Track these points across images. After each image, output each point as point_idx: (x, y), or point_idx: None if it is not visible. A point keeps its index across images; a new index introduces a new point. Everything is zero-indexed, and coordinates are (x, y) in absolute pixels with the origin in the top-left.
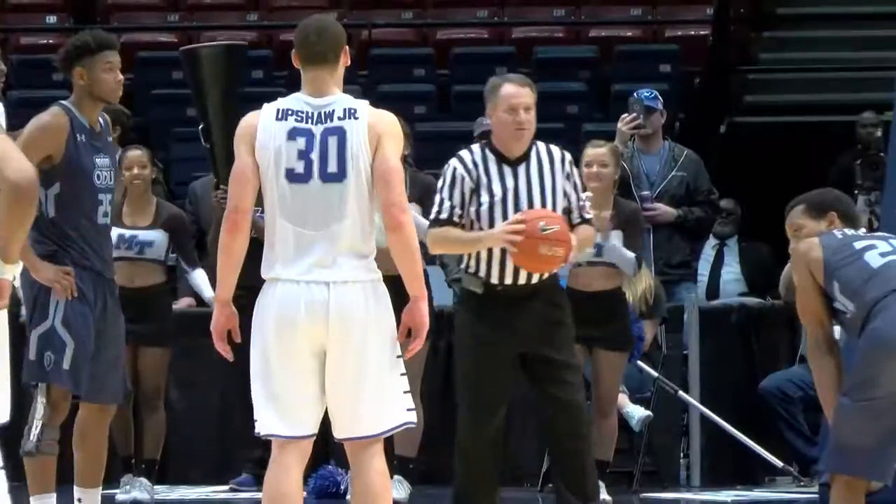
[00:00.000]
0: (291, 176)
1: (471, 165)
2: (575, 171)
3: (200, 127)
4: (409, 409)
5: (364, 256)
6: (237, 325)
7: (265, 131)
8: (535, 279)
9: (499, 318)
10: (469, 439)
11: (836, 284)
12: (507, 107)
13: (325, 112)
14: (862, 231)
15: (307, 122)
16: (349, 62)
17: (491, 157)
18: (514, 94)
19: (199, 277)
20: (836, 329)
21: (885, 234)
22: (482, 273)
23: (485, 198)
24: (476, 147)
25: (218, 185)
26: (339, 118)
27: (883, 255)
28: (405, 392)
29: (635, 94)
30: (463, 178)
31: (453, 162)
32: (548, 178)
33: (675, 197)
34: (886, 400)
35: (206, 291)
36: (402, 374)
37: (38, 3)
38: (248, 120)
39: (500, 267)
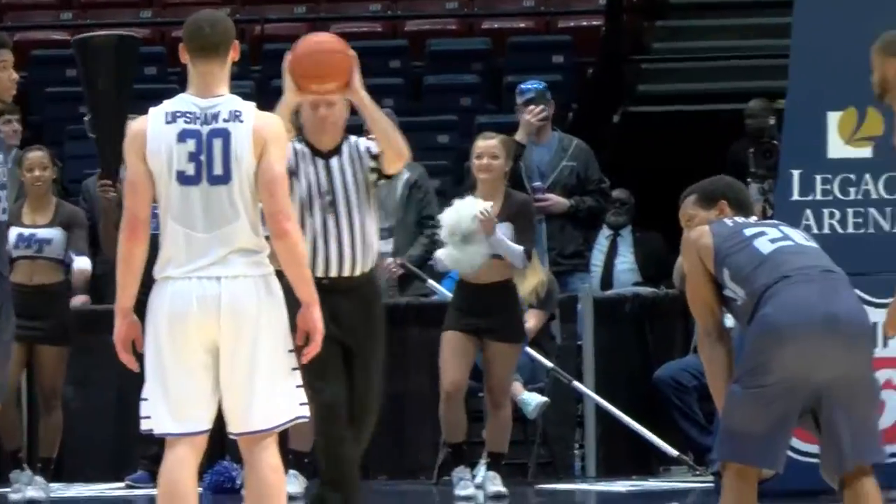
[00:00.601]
0: (182, 178)
1: (291, 154)
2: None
3: (87, 118)
4: (301, 404)
5: (255, 253)
6: (140, 334)
7: (155, 136)
8: (356, 272)
9: (323, 308)
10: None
11: (727, 271)
12: (309, 102)
13: (210, 113)
14: (753, 219)
15: (195, 124)
16: (237, 57)
17: (306, 150)
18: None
19: (81, 262)
20: (727, 317)
21: (777, 221)
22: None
23: (296, 187)
24: (296, 140)
25: (102, 176)
26: (225, 120)
27: (773, 241)
28: (298, 386)
29: (527, 87)
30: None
31: None
32: (359, 173)
33: (566, 187)
34: (777, 386)
35: (79, 264)
36: (295, 369)
37: None
38: (137, 126)
39: (325, 261)
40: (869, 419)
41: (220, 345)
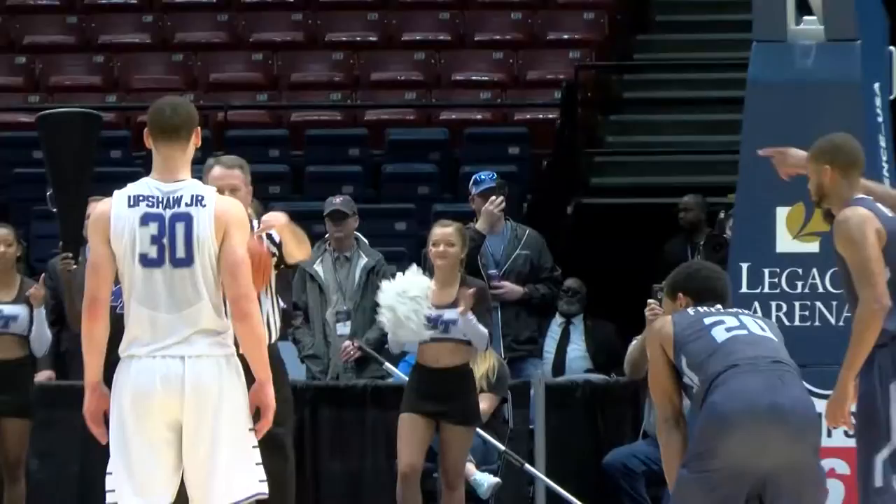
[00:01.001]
0: (145, 261)
1: None
2: None
3: (49, 192)
4: (261, 480)
5: (218, 333)
6: (109, 407)
7: (118, 219)
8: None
9: None
10: None
11: (684, 358)
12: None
13: (173, 197)
14: (717, 307)
15: (157, 207)
16: (199, 143)
17: None
18: (220, 177)
19: (40, 315)
20: (686, 403)
21: (738, 311)
22: None
23: None
24: None
25: (64, 249)
26: (187, 204)
27: (728, 329)
28: (257, 463)
29: (482, 178)
30: None
31: None
32: None
33: (520, 275)
34: (722, 472)
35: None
36: (255, 447)
37: None
38: (100, 209)
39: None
40: None
41: (183, 422)
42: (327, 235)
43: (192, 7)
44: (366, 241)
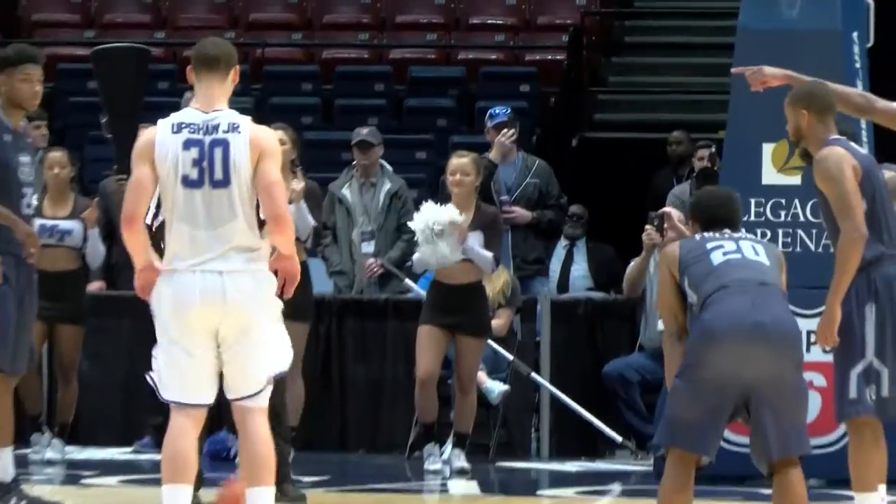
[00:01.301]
0: (186, 182)
1: None
2: None
3: (104, 120)
4: (284, 359)
5: (252, 250)
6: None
7: (162, 144)
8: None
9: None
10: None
11: (686, 279)
12: (22, 76)
13: (211, 124)
14: (726, 231)
15: (198, 134)
16: (237, 80)
17: None
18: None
19: (94, 233)
20: None
21: (740, 235)
22: None
23: None
24: None
25: (118, 171)
26: (224, 131)
27: (725, 254)
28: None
29: (497, 112)
30: None
31: None
32: None
33: (529, 201)
34: (710, 383)
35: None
36: (286, 351)
37: None
38: (146, 136)
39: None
40: (796, 416)
41: (222, 329)
42: (354, 162)
43: None
44: (389, 168)
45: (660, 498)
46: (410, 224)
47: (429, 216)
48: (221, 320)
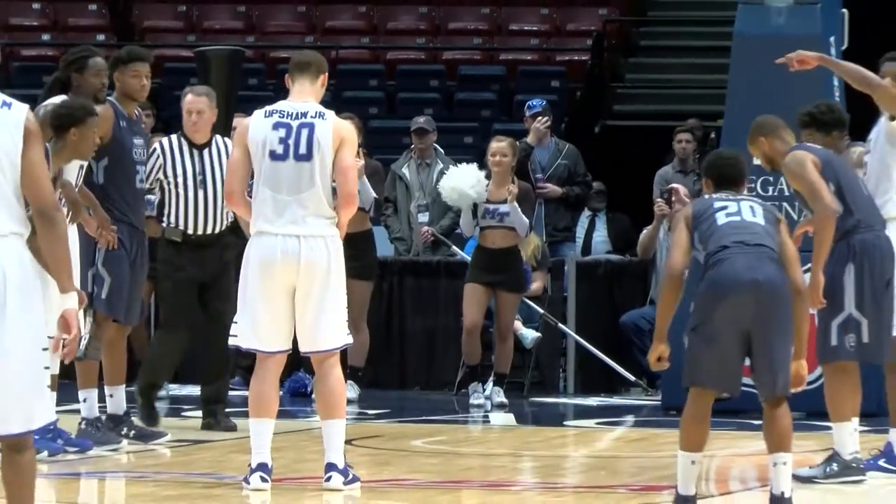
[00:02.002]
0: (273, 156)
1: (167, 147)
2: None
3: None
4: (347, 334)
5: (326, 217)
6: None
7: (255, 128)
8: (216, 230)
9: (190, 257)
10: (162, 343)
11: (696, 234)
12: (185, 111)
13: (300, 111)
14: (731, 193)
15: (287, 119)
16: (325, 85)
17: (183, 143)
18: (190, 101)
19: None
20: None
21: (742, 197)
22: (181, 226)
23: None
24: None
25: None
26: (311, 117)
27: (728, 215)
28: (346, 321)
29: (534, 104)
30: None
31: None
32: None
33: (560, 179)
34: (719, 330)
35: None
36: (346, 308)
37: (90, 25)
38: (243, 123)
39: (194, 221)
40: (784, 360)
41: (298, 287)
42: (413, 146)
43: None
44: (442, 151)
45: (681, 430)
46: (440, 188)
47: (456, 181)
48: (297, 279)
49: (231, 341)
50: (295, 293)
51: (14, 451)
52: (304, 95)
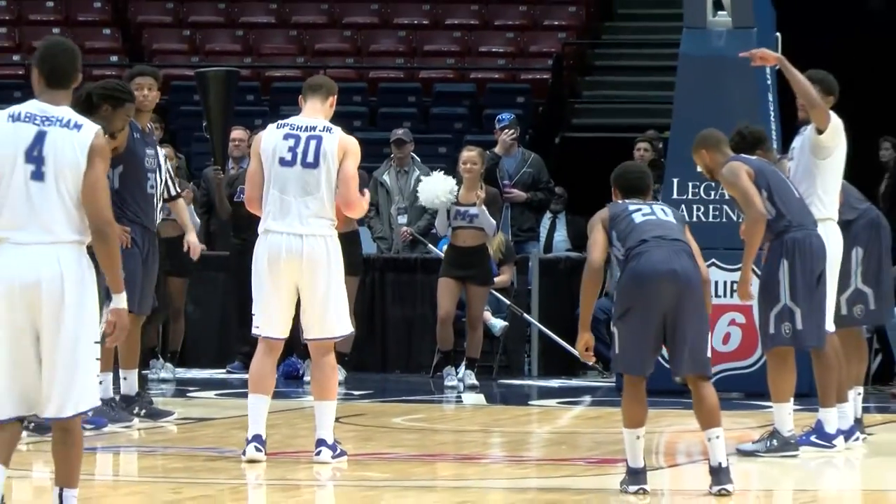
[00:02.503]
0: (282, 162)
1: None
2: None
3: (203, 125)
4: (348, 324)
5: (327, 219)
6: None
7: (267, 138)
8: None
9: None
10: None
11: (614, 233)
12: (135, 86)
13: (310, 125)
14: (639, 198)
15: (297, 131)
16: (334, 106)
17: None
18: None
19: (191, 208)
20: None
21: (652, 202)
22: None
23: None
24: None
25: (214, 163)
26: (320, 131)
27: (643, 215)
28: (346, 311)
29: (504, 117)
30: None
31: None
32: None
33: (525, 185)
34: (641, 317)
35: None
36: (346, 300)
37: (104, 47)
38: (257, 137)
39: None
40: (699, 342)
41: (301, 281)
42: (392, 155)
43: None
44: (418, 160)
45: (623, 410)
46: (419, 193)
47: (432, 186)
48: (300, 274)
49: (254, 331)
50: (299, 287)
51: (65, 431)
52: (315, 113)
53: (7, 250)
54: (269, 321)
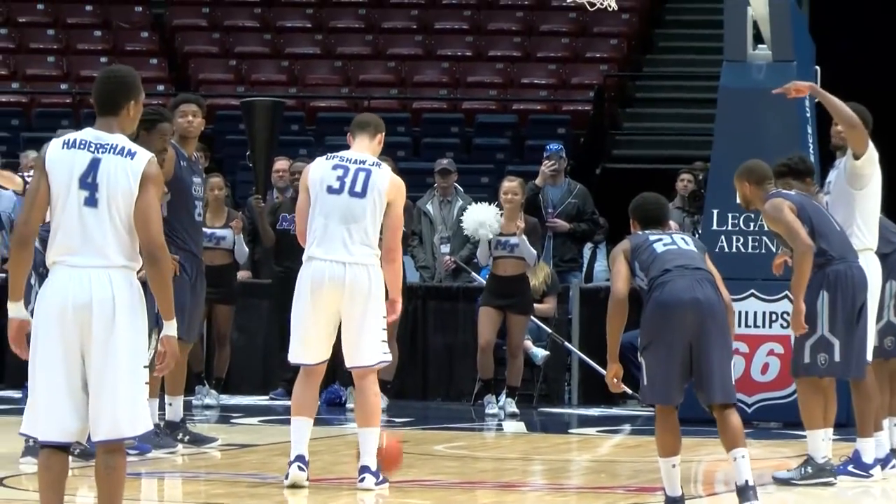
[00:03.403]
0: (330, 190)
1: None
2: None
3: (248, 154)
4: (385, 353)
5: (370, 247)
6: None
7: (315, 169)
8: None
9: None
10: None
11: (637, 263)
12: (180, 113)
13: (359, 159)
14: (658, 229)
15: (346, 163)
16: (382, 143)
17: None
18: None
19: (240, 238)
20: None
21: (672, 232)
22: None
23: None
24: None
25: (257, 192)
26: (369, 165)
27: (665, 245)
28: (383, 340)
29: (551, 147)
30: None
31: None
32: None
33: (569, 215)
34: (666, 346)
35: (238, 244)
36: (384, 329)
37: (151, 77)
38: (305, 170)
39: None
40: (724, 368)
41: (342, 308)
42: (436, 185)
43: (348, 30)
44: (461, 190)
45: (656, 440)
46: (463, 223)
47: (476, 216)
48: (342, 301)
49: (290, 358)
50: (340, 314)
51: (109, 454)
52: (363, 150)
53: (61, 272)
54: (305, 348)
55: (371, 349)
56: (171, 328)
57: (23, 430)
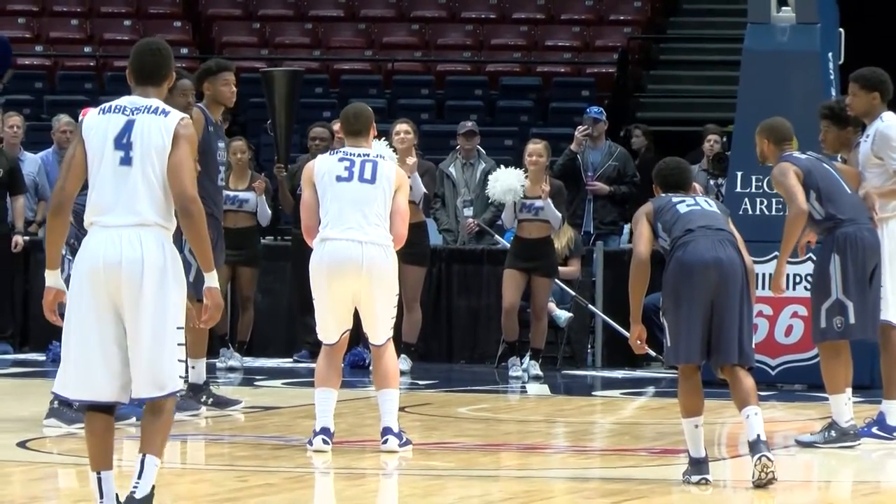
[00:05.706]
0: (339, 178)
1: None
2: None
3: (268, 122)
4: (391, 329)
5: (384, 229)
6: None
7: (320, 164)
8: None
9: None
10: None
11: (659, 225)
12: (222, 80)
13: (362, 153)
14: (681, 192)
15: (350, 156)
16: (376, 135)
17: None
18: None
19: (263, 199)
20: None
21: (695, 195)
22: None
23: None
24: None
25: (278, 161)
26: (373, 157)
27: (688, 206)
28: (392, 318)
29: (588, 111)
30: None
31: None
32: None
33: (610, 178)
34: (688, 305)
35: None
36: (395, 307)
37: (175, 39)
38: (308, 165)
39: None
40: (746, 331)
41: (359, 287)
42: (458, 146)
43: None
44: (484, 152)
45: (679, 400)
46: (489, 187)
47: (503, 183)
48: (358, 279)
49: (318, 335)
50: (355, 293)
51: (151, 412)
52: (361, 145)
53: (95, 233)
54: (327, 329)
55: (385, 327)
56: (212, 279)
57: (54, 390)
